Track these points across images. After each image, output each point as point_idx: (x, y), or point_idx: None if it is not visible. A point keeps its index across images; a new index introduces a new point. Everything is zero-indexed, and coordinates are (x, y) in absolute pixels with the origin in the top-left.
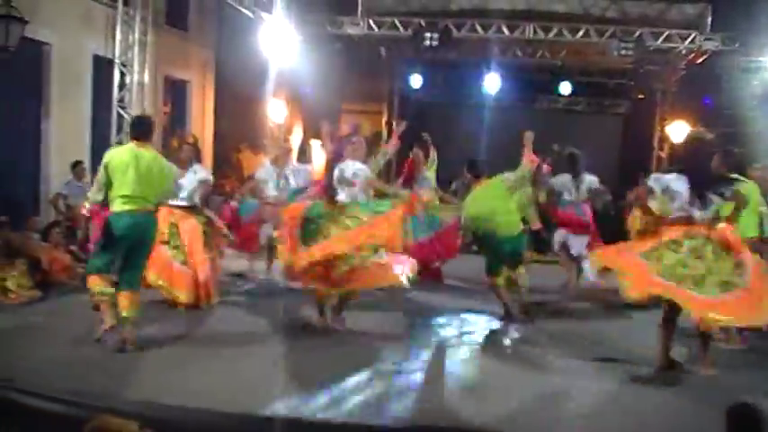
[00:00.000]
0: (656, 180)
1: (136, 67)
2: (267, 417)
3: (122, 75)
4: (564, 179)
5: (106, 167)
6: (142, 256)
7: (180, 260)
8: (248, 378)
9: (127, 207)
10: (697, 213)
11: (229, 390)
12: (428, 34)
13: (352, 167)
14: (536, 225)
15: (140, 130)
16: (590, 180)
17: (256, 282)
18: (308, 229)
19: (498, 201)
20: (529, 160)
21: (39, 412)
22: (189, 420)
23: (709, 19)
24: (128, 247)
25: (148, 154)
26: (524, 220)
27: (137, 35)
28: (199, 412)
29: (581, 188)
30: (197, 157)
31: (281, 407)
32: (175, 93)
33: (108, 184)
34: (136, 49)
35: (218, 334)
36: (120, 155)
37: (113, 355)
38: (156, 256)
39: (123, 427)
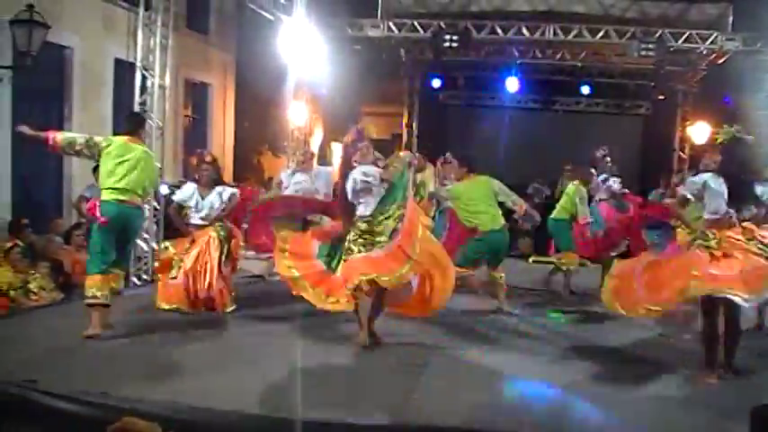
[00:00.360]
0: (691, 183)
1: (157, 71)
2: (291, 418)
3: (144, 78)
4: None
5: (105, 148)
6: (129, 244)
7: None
8: (269, 380)
9: (114, 197)
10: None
11: (251, 391)
12: (448, 36)
13: (363, 171)
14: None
15: (133, 124)
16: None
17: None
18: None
19: (484, 195)
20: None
21: (62, 413)
22: (213, 422)
23: (731, 19)
24: (116, 236)
25: (139, 148)
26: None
27: (158, 39)
28: (223, 414)
29: None
30: (219, 176)
31: (302, 408)
32: (196, 96)
33: (96, 159)
34: (157, 52)
35: (238, 337)
36: (117, 145)
37: (136, 357)
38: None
39: (146, 429)
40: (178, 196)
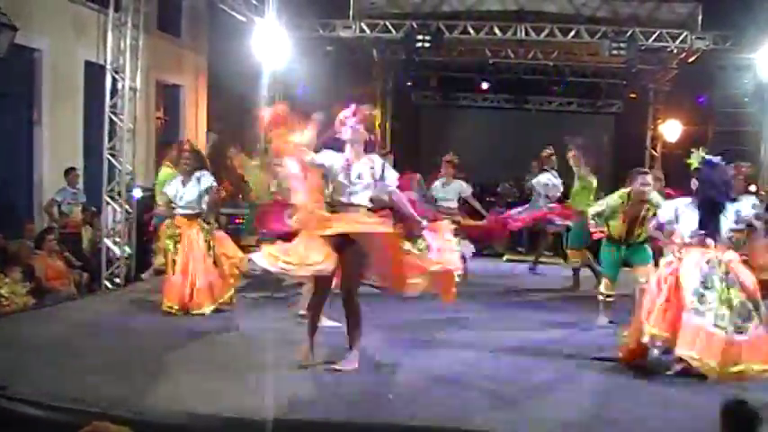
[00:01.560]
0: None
1: (128, 73)
2: (265, 419)
3: (114, 81)
4: None
5: None
6: None
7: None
8: (243, 381)
9: None
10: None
11: (223, 393)
12: (420, 36)
13: None
14: None
15: None
16: None
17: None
18: None
19: None
20: None
21: (32, 420)
22: (187, 425)
23: (700, 18)
24: None
25: None
26: None
27: (128, 41)
28: (196, 417)
29: None
30: (201, 163)
31: (277, 409)
32: (168, 98)
33: None
34: (128, 54)
35: (212, 339)
36: None
37: (108, 361)
38: None
39: None
40: (169, 191)
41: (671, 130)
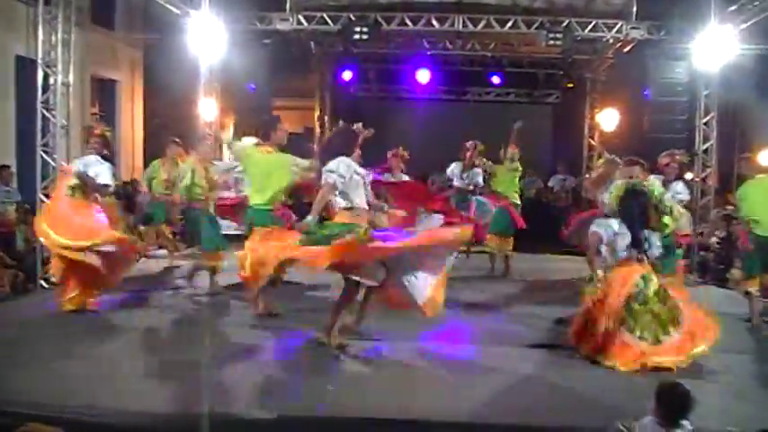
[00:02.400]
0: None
1: (60, 68)
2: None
3: (46, 76)
4: None
5: None
6: None
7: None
8: (183, 377)
9: None
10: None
11: (160, 390)
12: (357, 28)
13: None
14: None
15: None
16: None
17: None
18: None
19: None
20: None
21: None
22: (120, 423)
23: (635, 8)
24: None
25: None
26: None
27: (60, 35)
28: (130, 414)
29: None
30: (108, 151)
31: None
32: (103, 93)
33: None
34: (59, 48)
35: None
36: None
37: (41, 361)
38: None
39: None
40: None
41: (608, 119)
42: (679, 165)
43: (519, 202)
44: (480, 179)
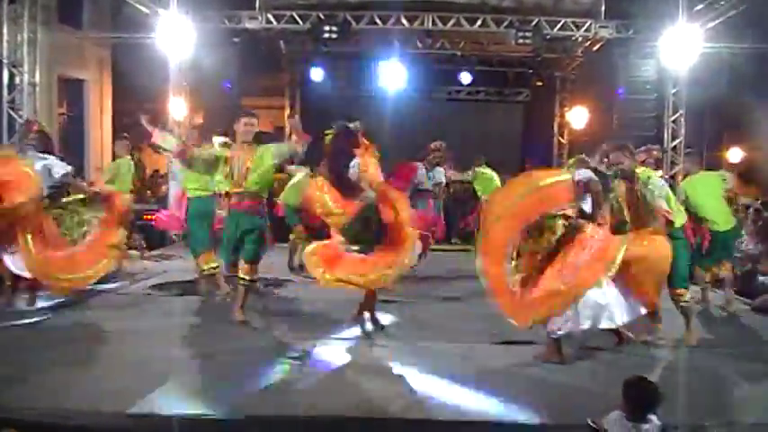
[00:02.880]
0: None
1: (26, 67)
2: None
3: (12, 75)
4: None
5: None
6: None
7: None
8: (138, 377)
9: None
10: None
11: (133, 391)
12: (327, 27)
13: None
14: None
15: None
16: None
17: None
18: None
19: None
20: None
21: None
22: (91, 425)
23: (603, 7)
24: None
25: None
26: None
27: (26, 34)
28: (99, 415)
29: None
30: (47, 148)
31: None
32: (71, 93)
33: None
34: (25, 48)
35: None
36: None
37: (6, 362)
38: None
39: None
40: None
41: (577, 117)
42: (655, 160)
43: None
44: (443, 179)
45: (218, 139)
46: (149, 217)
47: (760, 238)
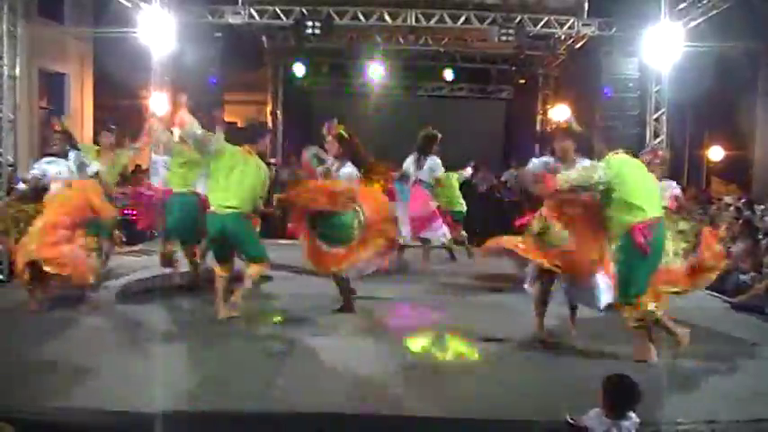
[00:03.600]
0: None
1: (6, 61)
2: (151, 412)
3: None
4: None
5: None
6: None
7: None
8: (129, 374)
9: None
10: None
11: (108, 388)
12: (310, 22)
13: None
14: None
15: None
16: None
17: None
18: None
19: None
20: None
21: None
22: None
23: (586, 5)
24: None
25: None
26: None
27: (5, 26)
28: (84, 412)
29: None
30: (71, 144)
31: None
32: (52, 86)
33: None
34: (6, 41)
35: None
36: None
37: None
38: None
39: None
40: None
41: (560, 114)
42: (662, 160)
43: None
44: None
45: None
46: (131, 211)
47: (741, 237)
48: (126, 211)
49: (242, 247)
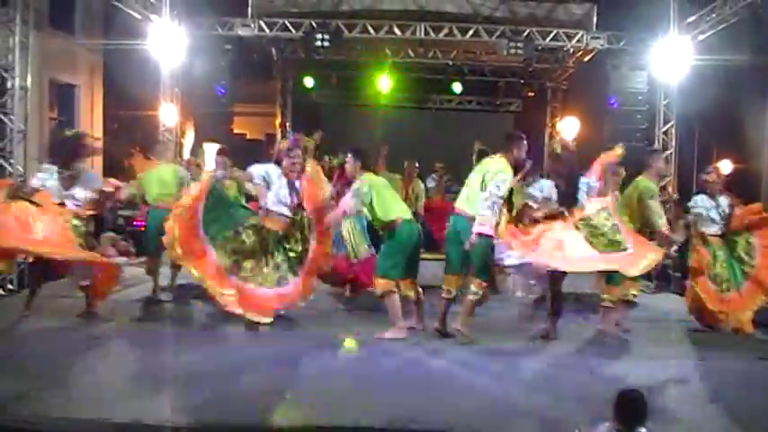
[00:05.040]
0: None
1: (18, 72)
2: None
3: (3, 79)
4: None
5: None
6: None
7: None
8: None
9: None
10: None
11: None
12: (319, 35)
13: None
14: None
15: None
16: None
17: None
18: None
19: None
20: None
21: None
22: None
23: (595, 18)
24: None
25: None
26: None
27: (17, 38)
28: (89, 423)
29: None
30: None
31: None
32: (62, 98)
33: None
34: (17, 52)
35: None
36: None
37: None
38: None
39: None
40: None
41: (568, 127)
42: (720, 177)
43: None
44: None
45: (211, 146)
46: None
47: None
48: (135, 223)
49: None
